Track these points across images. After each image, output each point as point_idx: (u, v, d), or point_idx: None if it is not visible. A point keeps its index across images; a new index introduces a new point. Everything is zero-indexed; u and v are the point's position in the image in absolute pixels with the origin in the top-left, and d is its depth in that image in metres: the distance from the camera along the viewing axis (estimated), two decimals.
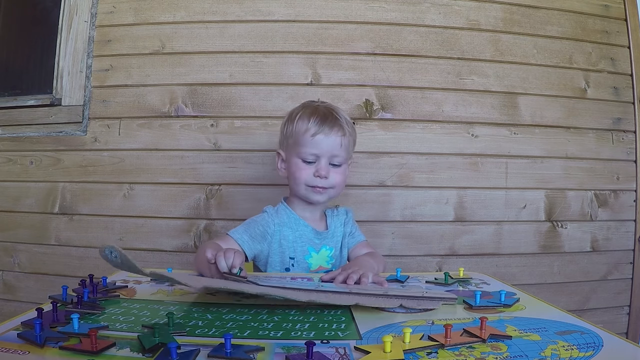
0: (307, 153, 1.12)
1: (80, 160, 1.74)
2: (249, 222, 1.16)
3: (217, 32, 1.72)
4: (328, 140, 1.11)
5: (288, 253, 1.14)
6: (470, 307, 0.69)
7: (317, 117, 1.12)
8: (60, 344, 0.52)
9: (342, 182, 1.16)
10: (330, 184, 1.13)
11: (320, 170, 1.11)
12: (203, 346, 0.51)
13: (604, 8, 1.85)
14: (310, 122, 1.11)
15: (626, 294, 1.86)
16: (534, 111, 1.79)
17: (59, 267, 1.74)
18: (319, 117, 1.12)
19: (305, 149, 1.11)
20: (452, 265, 1.72)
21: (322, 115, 1.13)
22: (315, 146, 1.11)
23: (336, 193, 1.17)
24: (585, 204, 1.82)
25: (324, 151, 1.11)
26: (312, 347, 0.48)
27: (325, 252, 1.17)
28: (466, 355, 0.50)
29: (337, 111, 1.16)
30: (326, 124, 1.11)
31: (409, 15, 1.74)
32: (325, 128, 1.11)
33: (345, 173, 1.17)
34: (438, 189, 1.74)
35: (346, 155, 1.15)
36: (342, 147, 1.13)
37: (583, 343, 0.54)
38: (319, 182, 1.12)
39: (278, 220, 1.16)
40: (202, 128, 1.72)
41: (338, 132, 1.11)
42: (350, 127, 1.16)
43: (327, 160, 1.12)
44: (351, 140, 1.17)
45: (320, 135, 1.10)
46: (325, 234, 1.19)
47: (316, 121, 1.11)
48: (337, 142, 1.11)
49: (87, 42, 1.76)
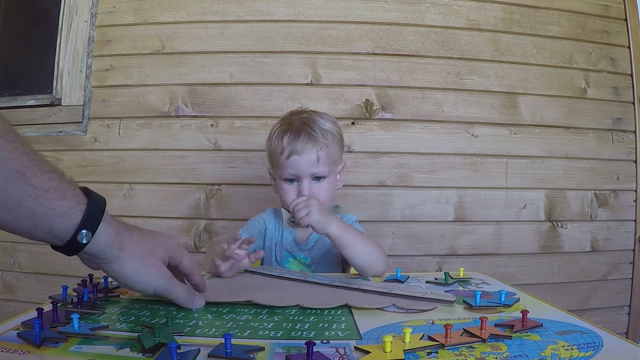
0: (286, 174, 1.10)
1: (80, 160, 1.74)
2: (249, 221, 1.21)
3: (217, 32, 1.72)
4: (303, 160, 1.07)
5: (271, 255, 1.16)
6: (470, 307, 0.69)
7: (290, 134, 1.08)
8: (59, 344, 0.52)
9: (328, 195, 1.12)
10: None
11: (302, 191, 1.08)
12: (203, 346, 0.51)
13: (604, 8, 1.85)
14: (284, 142, 1.08)
15: (626, 294, 1.86)
16: (534, 111, 1.79)
17: (59, 267, 1.74)
18: (292, 135, 1.08)
19: (284, 170, 1.10)
20: (452, 265, 1.72)
21: (295, 132, 1.08)
22: (292, 167, 1.08)
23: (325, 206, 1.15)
24: (585, 204, 1.82)
25: (302, 171, 1.08)
26: (312, 347, 0.48)
27: (301, 260, 1.15)
28: (466, 355, 0.50)
29: (313, 123, 1.11)
30: (298, 142, 1.07)
31: (409, 15, 1.74)
32: (297, 147, 1.06)
33: (332, 185, 1.14)
34: (438, 189, 1.74)
35: (328, 167, 1.11)
36: (321, 162, 1.08)
37: (583, 343, 0.54)
38: None
39: (273, 221, 1.19)
40: (202, 128, 1.72)
41: (312, 149, 1.07)
42: (330, 135, 1.11)
43: (308, 179, 1.09)
44: (333, 149, 1.11)
45: (294, 156, 1.07)
46: (303, 245, 1.16)
47: (289, 140, 1.07)
48: (312, 159, 1.07)
49: (87, 42, 1.76)
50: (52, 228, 0.54)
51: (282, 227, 1.17)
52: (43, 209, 0.52)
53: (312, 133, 1.08)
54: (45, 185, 0.52)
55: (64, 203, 0.53)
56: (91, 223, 0.55)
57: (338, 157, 1.15)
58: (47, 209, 0.52)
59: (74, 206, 0.54)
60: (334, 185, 1.15)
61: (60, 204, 0.53)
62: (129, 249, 0.60)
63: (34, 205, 0.51)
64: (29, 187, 0.50)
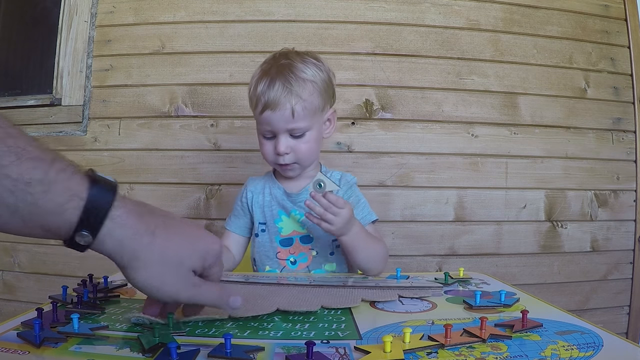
0: (263, 129, 1.01)
1: (80, 160, 1.73)
2: (234, 207, 1.15)
3: (217, 32, 1.72)
4: (276, 116, 0.96)
5: (258, 219, 1.08)
6: (470, 307, 0.69)
7: (264, 84, 0.96)
8: (59, 344, 0.52)
9: (309, 151, 1.02)
10: (293, 159, 1.01)
11: (278, 148, 0.99)
12: (203, 346, 0.51)
13: (604, 8, 1.85)
14: (258, 93, 0.97)
15: (626, 294, 1.86)
16: (534, 111, 1.79)
17: (59, 267, 1.74)
18: (266, 85, 0.96)
19: (260, 125, 1.01)
20: (452, 265, 1.72)
21: (269, 82, 0.96)
22: (266, 122, 0.98)
23: (307, 163, 1.05)
24: (585, 204, 1.82)
25: (276, 127, 0.98)
26: (312, 347, 0.48)
27: (295, 216, 1.06)
28: (466, 355, 0.50)
29: (290, 71, 0.97)
30: (270, 95, 0.95)
31: (409, 15, 1.74)
32: (269, 100, 0.95)
33: (315, 139, 1.02)
34: (438, 189, 1.74)
35: (308, 121, 0.99)
36: (297, 117, 0.96)
37: (583, 343, 0.54)
38: (281, 159, 1.00)
39: (253, 187, 1.12)
40: (202, 128, 1.72)
41: (286, 104, 0.95)
42: (310, 84, 0.97)
43: (285, 135, 0.99)
44: (313, 100, 0.98)
45: (267, 112, 0.96)
46: (295, 196, 1.06)
47: (262, 91, 0.96)
48: (286, 114, 0.96)
49: (87, 42, 1.76)
50: (45, 226, 0.45)
51: (268, 185, 1.10)
52: (27, 205, 0.42)
53: (286, 85, 0.95)
54: (26, 177, 0.42)
55: (53, 198, 0.43)
56: (91, 223, 0.45)
57: (321, 107, 1.02)
58: (32, 206, 0.43)
59: (67, 202, 0.44)
60: (318, 139, 1.04)
61: (48, 199, 0.43)
62: (145, 257, 0.49)
63: (15, 201, 0.42)
64: (6, 180, 0.41)
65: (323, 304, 0.69)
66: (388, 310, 0.68)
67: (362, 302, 0.71)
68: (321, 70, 1.01)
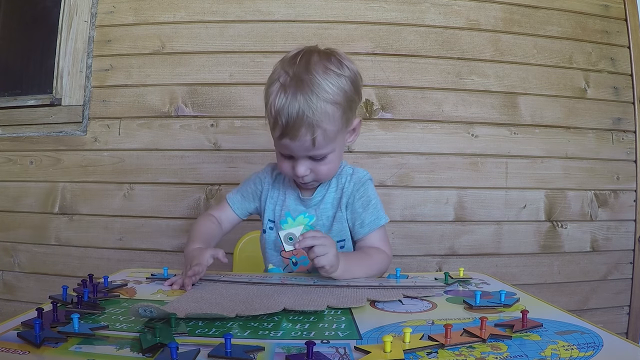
0: (281, 148, 0.95)
1: (80, 160, 1.74)
2: (245, 180, 1.13)
3: (217, 32, 1.72)
4: (295, 145, 0.90)
5: (268, 215, 1.07)
6: (470, 307, 0.69)
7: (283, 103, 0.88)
8: (59, 344, 0.52)
9: (329, 171, 0.97)
10: (312, 178, 0.97)
11: (297, 171, 0.94)
12: (203, 346, 0.51)
13: (604, 8, 1.85)
14: (275, 111, 0.89)
15: (626, 294, 1.86)
16: (534, 111, 1.79)
17: (59, 267, 1.74)
18: (285, 106, 0.87)
19: (277, 143, 0.95)
20: (452, 265, 1.72)
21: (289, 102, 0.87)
22: (285, 148, 0.93)
23: (326, 180, 1.02)
24: (585, 204, 1.82)
25: (296, 153, 0.93)
26: (312, 347, 0.48)
27: (302, 219, 1.03)
28: (466, 355, 0.50)
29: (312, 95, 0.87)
30: (290, 124, 0.87)
31: (409, 15, 1.74)
32: (288, 130, 0.88)
33: (337, 157, 0.97)
34: (438, 189, 1.74)
35: (330, 147, 0.93)
36: (318, 145, 0.90)
37: (583, 343, 0.54)
38: (300, 179, 0.97)
39: (271, 179, 1.09)
40: (202, 128, 1.72)
41: (307, 135, 0.88)
42: (331, 110, 0.89)
43: (304, 159, 0.94)
44: (336, 124, 0.91)
45: (286, 140, 0.90)
46: (309, 201, 1.04)
47: (280, 111, 0.88)
48: (307, 145, 0.90)
49: (87, 42, 1.76)
50: None
51: (282, 184, 1.07)
52: None
53: (307, 113, 0.86)
54: None
55: None
56: None
57: (345, 125, 0.96)
58: None
59: None
60: (340, 154, 0.99)
61: None
62: None
63: None
64: None
65: (329, 303, 0.69)
66: (388, 310, 0.68)
67: None
68: (346, 80, 0.92)
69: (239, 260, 1.33)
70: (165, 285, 0.85)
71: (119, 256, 1.72)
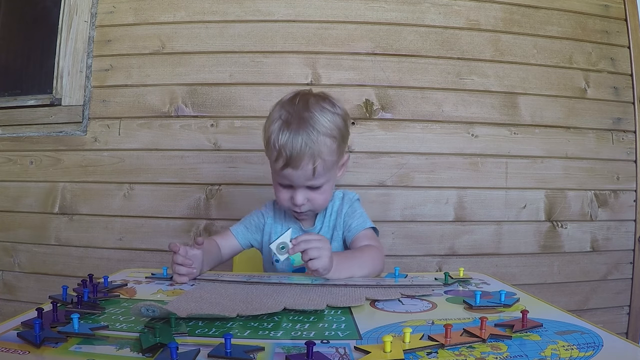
0: (280, 179, 1.04)
1: (80, 160, 1.74)
2: (246, 216, 1.20)
3: (217, 32, 1.72)
4: (297, 174, 1.00)
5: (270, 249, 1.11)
6: (470, 307, 0.69)
7: (287, 138, 0.98)
8: (59, 344, 0.52)
9: (324, 200, 1.08)
10: (309, 208, 1.06)
11: (296, 200, 1.03)
12: (203, 346, 0.51)
13: (604, 8, 1.85)
14: (280, 145, 0.98)
15: (626, 294, 1.86)
16: (534, 111, 1.79)
17: (59, 267, 1.74)
18: (289, 141, 0.97)
19: (277, 176, 1.04)
20: (452, 265, 1.72)
21: (293, 136, 0.97)
22: (286, 177, 1.02)
23: (321, 209, 1.11)
24: (585, 204, 1.82)
25: (297, 183, 1.02)
26: (312, 347, 0.48)
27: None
28: (466, 355, 0.50)
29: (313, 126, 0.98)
30: (294, 155, 0.97)
31: (409, 15, 1.74)
32: (292, 160, 0.98)
33: (330, 187, 1.08)
34: (438, 189, 1.74)
35: (327, 177, 1.04)
36: (318, 175, 1.00)
37: (583, 343, 0.54)
38: (297, 208, 1.05)
39: (272, 214, 1.17)
40: (202, 128, 1.72)
41: (309, 164, 0.98)
42: (329, 142, 1.00)
43: (303, 189, 1.03)
44: (332, 157, 1.03)
45: (288, 170, 0.99)
46: (311, 230, 1.13)
47: (284, 145, 0.98)
48: (307, 173, 1.00)
49: (87, 42, 1.76)
50: None
51: (284, 218, 1.15)
52: None
53: (309, 144, 0.97)
54: None
55: None
56: None
57: (338, 159, 1.07)
58: None
59: None
60: (333, 185, 1.10)
61: None
62: None
63: None
64: None
65: (328, 302, 0.69)
66: (388, 310, 0.68)
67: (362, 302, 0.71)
68: (339, 117, 1.05)
69: (239, 262, 1.33)
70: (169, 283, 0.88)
71: (119, 256, 1.72)
